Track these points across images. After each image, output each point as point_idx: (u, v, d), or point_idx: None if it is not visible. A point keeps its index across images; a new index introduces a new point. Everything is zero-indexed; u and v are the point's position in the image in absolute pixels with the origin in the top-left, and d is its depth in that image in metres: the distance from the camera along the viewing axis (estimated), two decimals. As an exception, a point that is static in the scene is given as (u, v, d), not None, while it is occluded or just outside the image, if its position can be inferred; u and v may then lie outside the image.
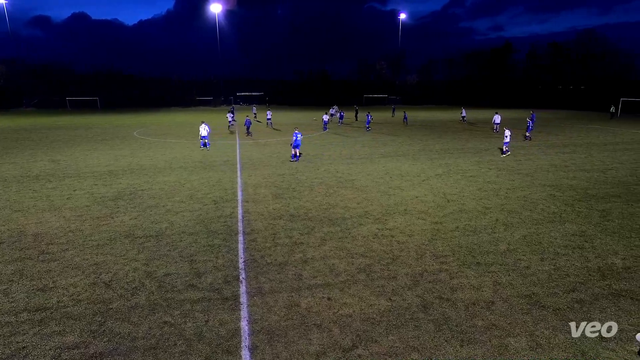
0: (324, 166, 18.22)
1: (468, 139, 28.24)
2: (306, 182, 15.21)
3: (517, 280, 7.55)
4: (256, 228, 10.25)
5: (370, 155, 21.17)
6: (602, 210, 11.66)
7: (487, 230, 10.07)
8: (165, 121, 44.91)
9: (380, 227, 10.34)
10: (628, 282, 7.45)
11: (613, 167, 18.07)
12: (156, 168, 17.89)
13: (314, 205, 12.15)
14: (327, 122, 35.29)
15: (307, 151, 22.54)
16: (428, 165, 18.40)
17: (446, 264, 8.20)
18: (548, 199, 12.91)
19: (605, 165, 18.51)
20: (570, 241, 9.39)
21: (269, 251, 8.84)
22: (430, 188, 14.27)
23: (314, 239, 9.54)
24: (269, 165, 18.43)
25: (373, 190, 13.93)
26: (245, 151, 22.79)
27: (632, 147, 24.12)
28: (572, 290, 7.16)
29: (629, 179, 15.73)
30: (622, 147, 24.10)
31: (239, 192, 13.79)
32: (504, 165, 18.34)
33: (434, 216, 11.19)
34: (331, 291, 7.17)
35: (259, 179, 15.65)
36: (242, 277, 7.67)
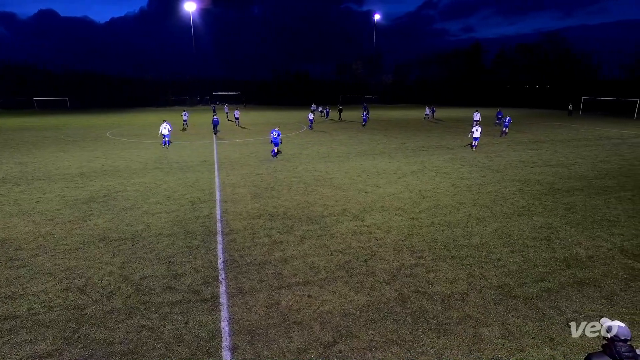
0: (302, 165, 18.20)
1: (441, 136, 28.86)
2: (285, 181, 15.15)
3: (490, 272, 7.78)
4: (235, 228, 10.12)
5: (347, 154, 21.29)
6: (567, 203, 12.18)
7: (461, 225, 10.33)
8: (140, 121, 43.65)
9: (359, 224, 10.42)
10: (591, 271, 7.82)
11: (576, 162, 18.91)
12: (131, 169, 17.37)
13: (292, 204, 12.11)
14: (313, 120, 35.80)
15: (286, 150, 22.45)
16: (404, 163, 18.68)
17: (422, 259, 8.36)
18: (517, 193, 13.37)
19: (569, 160, 19.35)
20: (538, 233, 9.76)
21: (248, 251, 8.75)
22: (406, 185, 14.50)
23: (293, 237, 9.52)
24: (247, 165, 18.24)
25: (351, 188, 14.02)
26: (223, 151, 22.46)
27: (592, 143, 25.31)
28: (541, 280, 7.45)
29: (590, 173, 16.50)
30: (583, 143, 25.25)
31: (216, 192, 13.58)
32: (475, 162, 18.85)
33: (410, 212, 11.38)
34: (311, 289, 7.17)
35: (237, 179, 15.47)
36: (222, 278, 7.57)
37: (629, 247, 8.97)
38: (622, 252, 8.67)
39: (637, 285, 7.25)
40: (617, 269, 7.91)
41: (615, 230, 9.99)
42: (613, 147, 23.89)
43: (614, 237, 9.55)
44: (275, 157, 19.99)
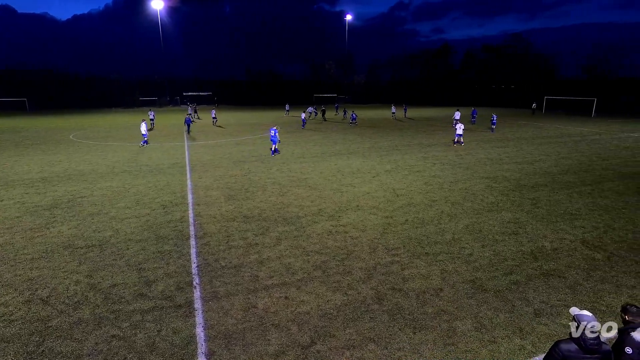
0: (276, 166, 18.09)
1: (414, 135, 29.47)
2: (259, 182, 15.01)
3: (462, 267, 8.02)
4: (209, 231, 9.93)
5: (322, 154, 21.35)
6: (533, 199, 12.73)
7: (434, 222, 10.59)
8: (106, 123, 42.03)
9: (334, 223, 10.47)
10: (556, 262, 8.21)
11: (540, 159, 19.80)
12: (97, 173, 16.70)
13: (267, 205, 12.02)
14: (305, 120, 36.21)
15: (260, 151, 22.25)
16: (377, 162, 18.94)
17: (397, 256, 8.51)
18: (486, 190, 13.84)
19: (534, 157, 20.23)
20: (506, 228, 10.15)
21: (223, 254, 8.61)
22: (381, 184, 14.71)
23: (269, 239, 9.45)
24: (220, 167, 17.94)
25: (326, 188, 14.07)
26: (195, 153, 21.99)
27: (555, 141, 26.59)
28: (510, 273, 7.75)
29: (553, 169, 17.32)
30: (547, 141, 26.48)
31: (189, 195, 13.27)
32: (446, 160, 19.38)
33: (385, 211, 11.55)
34: (288, 290, 7.14)
35: (210, 181, 15.19)
36: (196, 283, 7.40)
37: (589, 238, 9.48)
38: (584, 244, 9.15)
39: (598, 275, 7.68)
40: (579, 260, 8.34)
41: (577, 223, 10.54)
42: (574, 144, 25.18)
43: (576, 229, 10.07)
44: (277, 154, 21.00)
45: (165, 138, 28.69)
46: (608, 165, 18.24)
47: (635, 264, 8.15)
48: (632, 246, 9.02)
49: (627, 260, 8.32)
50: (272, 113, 55.99)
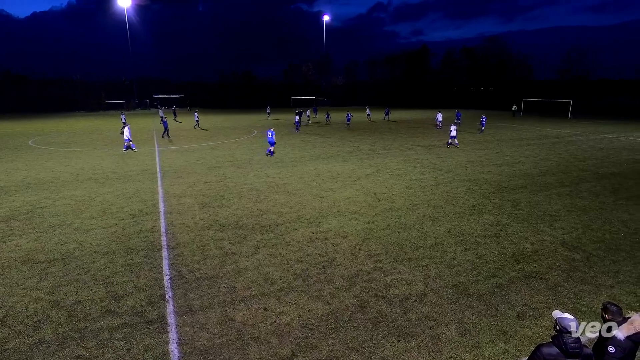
0: (253, 171, 17.96)
1: (394, 138, 29.90)
2: (235, 188, 14.85)
3: (445, 271, 8.16)
4: (182, 241, 9.73)
5: (301, 158, 21.35)
6: (513, 201, 13.13)
7: (416, 226, 10.74)
8: (68, 127, 40.64)
9: (315, 230, 10.46)
10: (537, 264, 8.48)
11: (519, 160, 20.47)
12: (59, 181, 16.09)
13: (244, 213, 11.90)
14: (299, 123, 36.32)
15: (235, 156, 22.03)
16: (358, 166, 19.09)
17: (380, 262, 8.57)
18: (467, 192, 14.18)
19: (514, 159, 20.90)
20: (488, 231, 10.41)
21: (197, 265, 8.44)
22: (361, 188, 14.82)
23: (246, 248, 9.34)
24: (193, 173, 17.64)
25: (305, 194, 14.06)
26: (166, 158, 21.54)
27: (533, 142, 27.57)
28: (492, 276, 7.94)
29: (532, 171, 17.94)
30: (526, 143, 27.42)
31: (160, 203, 12.98)
32: (427, 163, 19.75)
33: (366, 216, 11.63)
34: (267, 301, 7.07)
35: (183, 188, 14.91)
36: (169, 296, 7.22)
37: (568, 239, 9.85)
38: (564, 245, 9.49)
39: (577, 276, 7.97)
40: (559, 261, 8.64)
41: (556, 224, 10.93)
42: (551, 145, 26.18)
43: (555, 231, 10.44)
44: (272, 156, 21.67)
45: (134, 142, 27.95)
46: (585, 166, 19.05)
47: (612, 263, 8.51)
48: (609, 246, 9.43)
49: (605, 260, 8.68)
50: (249, 116, 55.62)
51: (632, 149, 24.49)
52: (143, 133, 34.45)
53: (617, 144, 26.71)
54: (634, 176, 16.87)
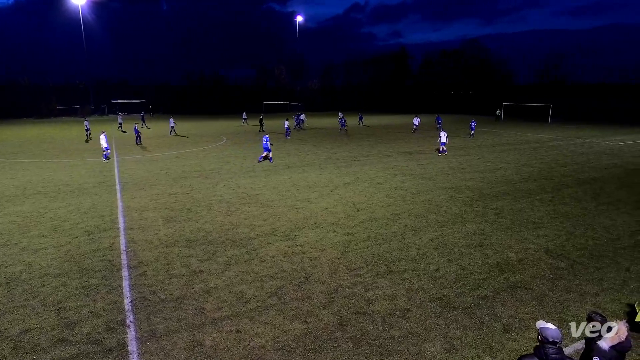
0: (223, 181, 17.74)
1: (372, 145, 30.30)
2: (203, 200, 14.61)
3: (428, 284, 8.27)
4: (145, 259, 9.46)
5: (274, 167, 21.28)
6: (496, 208, 13.52)
7: (397, 237, 10.87)
8: (15, 136, 38.98)
9: (290, 244, 10.41)
10: (521, 274, 8.73)
11: (501, 167, 21.15)
12: (3, 196, 15.37)
13: (214, 227, 11.72)
14: (289, 129, 36.52)
15: (203, 166, 21.72)
16: (335, 174, 19.20)
17: (360, 276, 8.60)
18: (449, 200, 14.50)
19: (495, 165, 21.57)
20: (471, 240, 10.65)
21: (162, 285, 8.22)
22: (340, 198, 14.90)
23: (216, 265, 9.18)
24: (157, 184, 17.25)
25: (280, 205, 14.00)
26: (126, 169, 20.98)
27: (514, 148, 28.58)
28: (477, 288, 8.11)
29: (514, 177, 18.56)
30: (507, 148, 28.39)
31: (120, 218, 12.60)
32: (408, 170, 20.10)
33: (345, 227, 11.68)
34: (240, 322, 6.94)
35: (146, 201, 14.54)
36: (130, 321, 6.98)
37: (552, 247, 10.21)
38: (548, 253, 9.83)
39: (562, 284, 8.26)
40: (544, 269, 8.94)
41: (540, 231, 11.32)
42: (533, 151, 27.21)
43: (539, 238, 10.81)
44: (271, 162, 22.44)
45: (89, 152, 27.12)
46: (566, 171, 19.88)
47: (596, 271, 8.87)
48: (592, 253, 9.83)
49: (589, 267, 9.04)
50: (218, 123, 55.12)
51: (612, 154, 25.78)
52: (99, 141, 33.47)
53: (597, 149, 28.05)
54: (614, 181, 17.74)
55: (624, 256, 9.65)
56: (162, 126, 48.11)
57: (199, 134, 39.36)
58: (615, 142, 32.10)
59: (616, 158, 24.05)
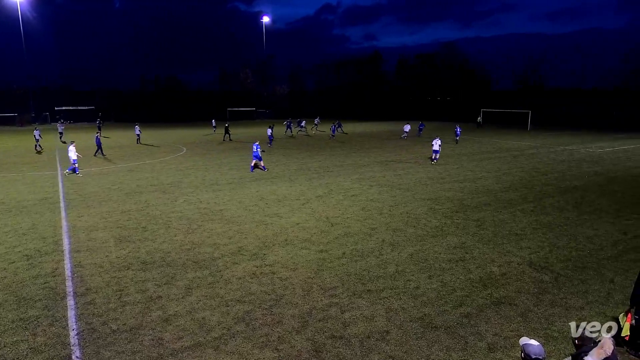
0: (183, 196, 17.42)
1: (346, 154, 30.60)
2: (161, 217, 14.29)
3: (409, 303, 8.36)
4: (94, 285, 9.12)
5: (240, 179, 21.10)
6: (477, 220, 13.89)
7: (375, 253, 10.96)
8: (-60, 148, 36.98)
9: (259, 263, 10.31)
10: (505, 289, 8.97)
11: (481, 176, 21.80)
12: None
13: (173, 247, 11.46)
14: (272, 137, 36.24)
15: (161, 179, 21.27)
16: (307, 187, 19.23)
17: (336, 297, 8.59)
18: (429, 213, 14.78)
19: (475, 174, 22.22)
20: (453, 254, 10.87)
21: (114, 314, 7.93)
22: (312, 212, 14.91)
23: (176, 289, 8.96)
24: (108, 201, 16.74)
25: (247, 221, 13.87)
26: (72, 184, 20.27)
27: (494, 156, 29.57)
28: (460, 305, 8.26)
29: (495, 186, 19.17)
30: (487, 156, 29.33)
31: (64, 239, 12.13)
32: (384, 181, 20.38)
33: (319, 244, 11.68)
34: (203, 352, 6.77)
35: (95, 220, 14.07)
36: (76, 356, 6.68)
37: (536, 259, 10.56)
38: (531, 266, 10.16)
39: (547, 299, 8.53)
40: (528, 284, 9.21)
41: (523, 243, 11.69)
42: (513, 159, 28.23)
43: (522, 250, 11.16)
44: (265, 171, 23.07)
45: (30, 165, 26.04)
46: (547, 180, 20.71)
47: (581, 283, 9.23)
48: (576, 264, 10.23)
49: (574, 280, 9.40)
50: (177, 131, 54.30)
51: (592, 161, 27.10)
52: (43, 153, 32.23)
53: (577, 156, 29.42)
54: (595, 189, 18.61)
55: (607, 267, 10.09)
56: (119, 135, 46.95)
57: (155, 143, 38.61)
58: (595, 149, 33.76)
59: (597, 165, 25.28)
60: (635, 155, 29.90)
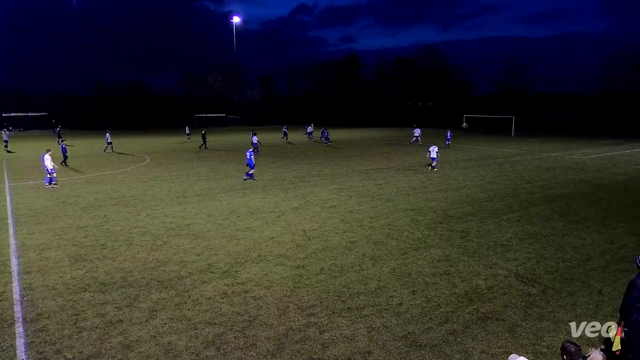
0: (146, 210, 17.11)
1: (323, 163, 30.72)
2: (122, 233, 13.98)
3: (392, 320, 8.39)
4: (46, 310, 8.82)
5: (209, 191, 20.89)
6: (462, 231, 14.11)
7: (355, 268, 10.98)
8: None
9: (230, 282, 10.20)
10: (492, 303, 9.11)
11: (465, 184, 22.22)
12: None
13: (135, 265, 11.22)
14: (257, 144, 36.16)
15: (122, 192, 20.84)
16: (282, 198, 19.18)
17: (314, 316, 8.55)
18: (411, 224, 14.94)
19: (459, 183, 22.63)
20: (437, 268, 11.00)
21: (69, 341, 7.67)
22: (287, 225, 14.86)
23: (138, 312, 8.75)
24: (62, 216, 16.28)
25: (217, 236, 13.72)
26: (22, 198, 19.63)
27: (478, 164, 30.22)
28: (445, 322, 8.34)
29: (479, 195, 19.56)
30: (470, 164, 29.95)
31: (12, 259, 11.73)
32: (364, 191, 20.52)
33: (295, 259, 11.63)
34: (169, 381, 6.61)
35: (48, 237, 13.65)
36: (26, 390, 6.41)
37: (522, 271, 10.78)
38: (518, 278, 10.36)
39: (535, 312, 8.71)
40: (515, 297, 9.39)
41: (509, 255, 11.94)
42: (497, 166, 28.91)
43: (508, 262, 11.39)
44: (252, 180, 23.40)
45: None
46: (532, 188, 21.27)
47: (569, 295, 9.47)
48: (564, 276, 10.50)
49: (562, 292, 9.63)
50: (139, 139, 53.46)
51: (577, 168, 28.02)
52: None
53: (562, 163, 30.38)
54: (581, 197, 19.23)
55: (595, 278, 10.39)
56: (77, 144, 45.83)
57: (115, 152, 37.87)
58: (579, 155, 34.95)
59: (582, 173, 26.15)
60: (620, 162, 31.10)
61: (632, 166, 29.24)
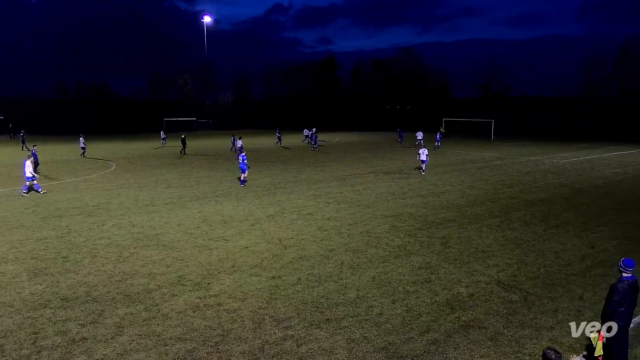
0: (112, 219, 16.77)
1: (299, 169, 30.73)
2: (85, 245, 13.67)
3: (372, 331, 8.42)
4: (2, 329, 8.57)
5: (180, 198, 20.63)
6: (442, 237, 14.31)
7: (333, 278, 11.00)
8: None
9: (202, 294, 10.09)
10: (473, 311, 9.26)
11: (445, 190, 22.57)
12: None
13: (100, 279, 10.98)
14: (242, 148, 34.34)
15: (85, 200, 20.39)
16: (256, 205, 19.09)
17: (291, 329, 8.52)
18: (391, 231, 15.07)
19: (438, 188, 22.97)
20: (417, 276, 11.12)
21: (27, 362, 7.43)
22: (262, 234, 14.79)
23: (104, 328, 8.56)
24: (20, 227, 15.81)
25: (187, 246, 13.56)
26: (-25, 208, 18.98)
27: (458, 168, 30.75)
28: (427, 331, 8.43)
29: (460, 201, 19.88)
30: (450, 169, 30.45)
31: (-35, 275, 11.31)
32: (342, 198, 20.62)
33: (270, 269, 11.58)
34: (137, 402, 6.47)
35: (4, 250, 13.25)
36: (-21, 416, 6.18)
37: (504, 278, 11.00)
38: (499, 285, 10.57)
39: (517, 320, 8.89)
40: (497, 304, 9.57)
41: (490, 261, 12.16)
42: (477, 171, 29.48)
43: (489, 269, 11.60)
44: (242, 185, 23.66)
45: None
46: (513, 193, 21.76)
47: (550, 301, 9.70)
48: (545, 282, 10.76)
49: (543, 298, 9.86)
50: (104, 145, 52.43)
51: (557, 172, 28.82)
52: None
53: (542, 167, 31.20)
54: (562, 201, 19.77)
55: (576, 283, 10.68)
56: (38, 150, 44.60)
57: (78, 158, 37.04)
58: (559, 159, 35.96)
59: (562, 177, 26.90)
60: (599, 166, 32.13)
61: (611, 169, 30.26)
